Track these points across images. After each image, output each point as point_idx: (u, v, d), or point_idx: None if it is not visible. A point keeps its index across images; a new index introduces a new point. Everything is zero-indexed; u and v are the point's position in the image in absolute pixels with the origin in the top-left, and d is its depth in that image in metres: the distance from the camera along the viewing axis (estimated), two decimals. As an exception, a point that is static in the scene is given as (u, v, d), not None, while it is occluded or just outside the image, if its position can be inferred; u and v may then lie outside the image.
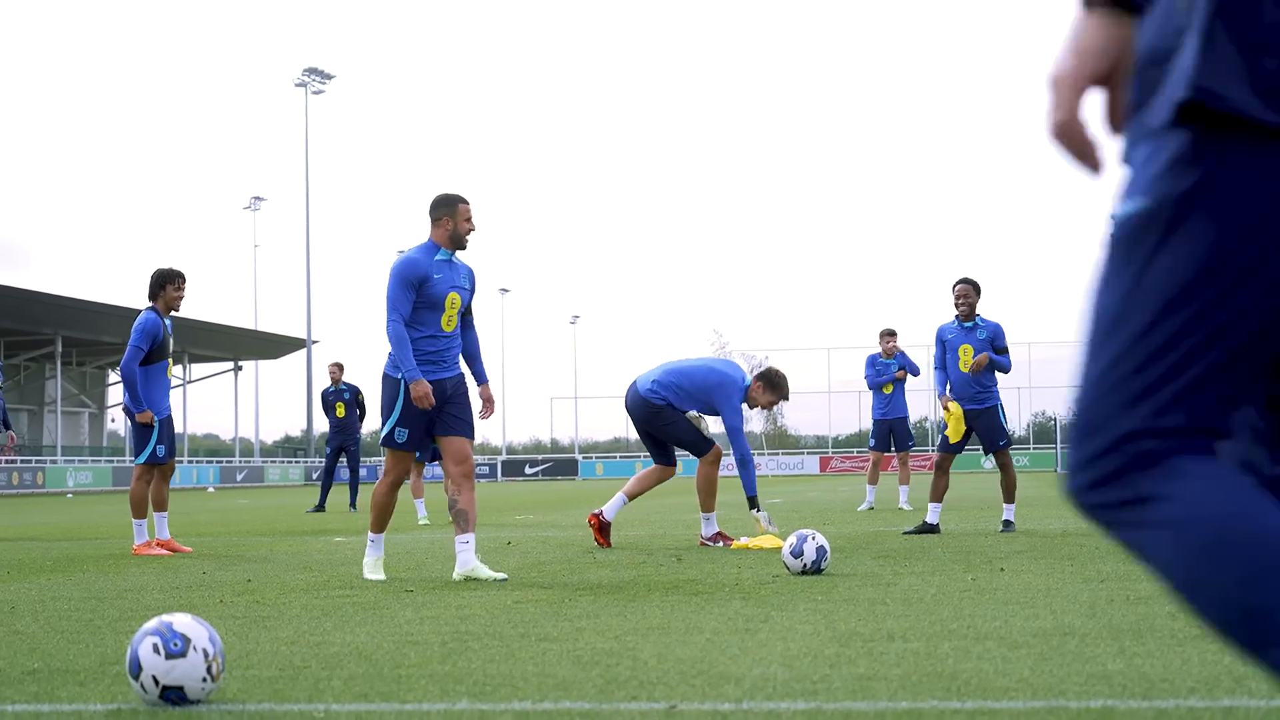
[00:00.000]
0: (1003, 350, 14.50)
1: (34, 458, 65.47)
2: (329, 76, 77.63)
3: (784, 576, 9.26)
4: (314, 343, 78.75)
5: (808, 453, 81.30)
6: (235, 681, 5.33)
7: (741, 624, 6.73)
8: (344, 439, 25.59)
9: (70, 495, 52.94)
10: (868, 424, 21.64)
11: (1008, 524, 14.09)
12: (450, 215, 9.67)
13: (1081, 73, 2.27)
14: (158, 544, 12.93)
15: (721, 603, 7.70)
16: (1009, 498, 14.34)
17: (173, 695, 4.74)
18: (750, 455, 13.28)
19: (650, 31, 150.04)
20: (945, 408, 14.22)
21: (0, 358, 65.57)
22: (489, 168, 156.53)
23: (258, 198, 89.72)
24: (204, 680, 4.76)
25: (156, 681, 4.74)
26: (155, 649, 4.76)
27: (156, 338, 12.84)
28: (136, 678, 4.78)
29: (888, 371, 20.98)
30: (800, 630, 6.45)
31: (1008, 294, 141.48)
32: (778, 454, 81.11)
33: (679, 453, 13.18)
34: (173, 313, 13.07)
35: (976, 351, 14.29)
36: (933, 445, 66.07)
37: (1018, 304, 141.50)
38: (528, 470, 78.55)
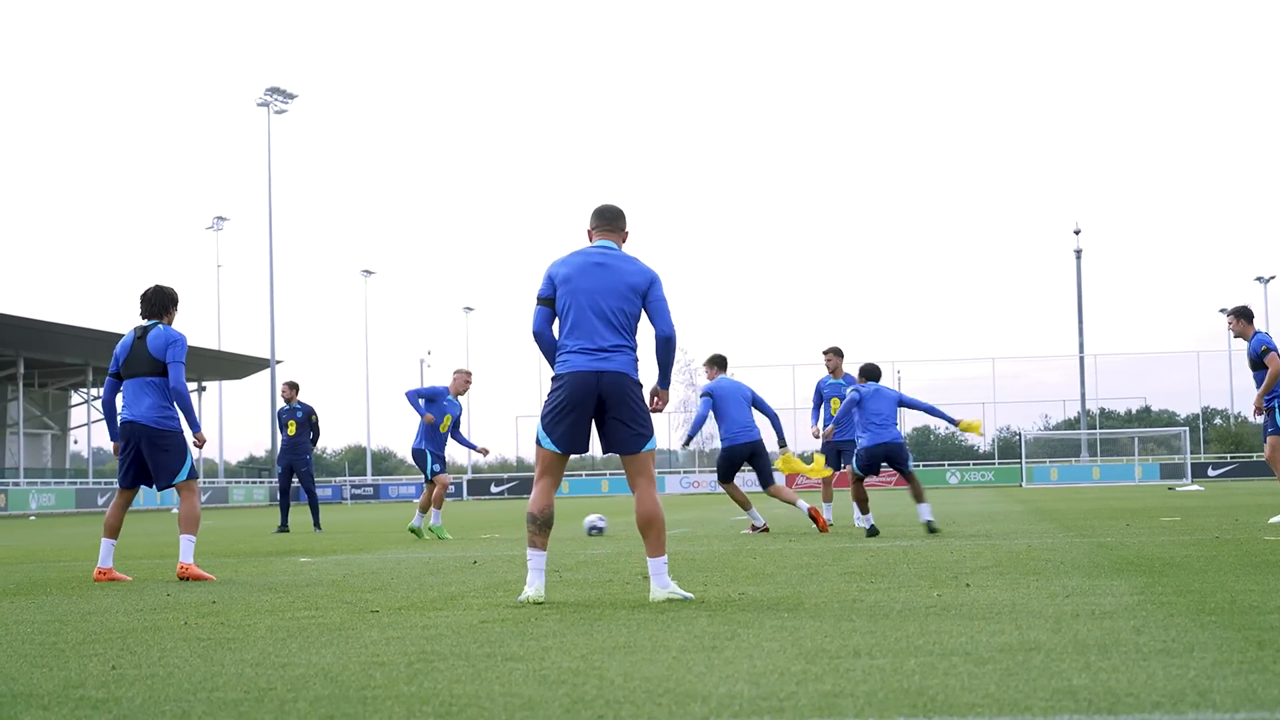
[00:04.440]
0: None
1: (-4, 480, 65.06)
2: (291, 96, 77.60)
3: (750, 594, 9.26)
4: (278, 363, 78.61)
5: (773, 470, 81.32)
6: (200, 704, 5.31)
7: (708, 642, 6.73)
8: (293, 458, 25.48)
9: (33, 518, 52.62)
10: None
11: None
12: None
13: None
14: (104, 574, 12.20)
15: (688, 621, 7.70)
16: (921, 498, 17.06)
17: None
18: None
19: (618, 52, 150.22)
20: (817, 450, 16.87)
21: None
22: (452, 186, 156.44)
23: (220, 218, 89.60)
24: None
25: None
26: None
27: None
28: None
29: (836, 391, 20.92)
30: (766, 647, 6.45)
31: (971, 310, 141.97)
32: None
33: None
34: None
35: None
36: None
37: (981, 320, 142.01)
38: (494, 489, 78.45)
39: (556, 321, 9.18)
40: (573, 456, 9.20)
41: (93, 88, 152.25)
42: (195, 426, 12.65)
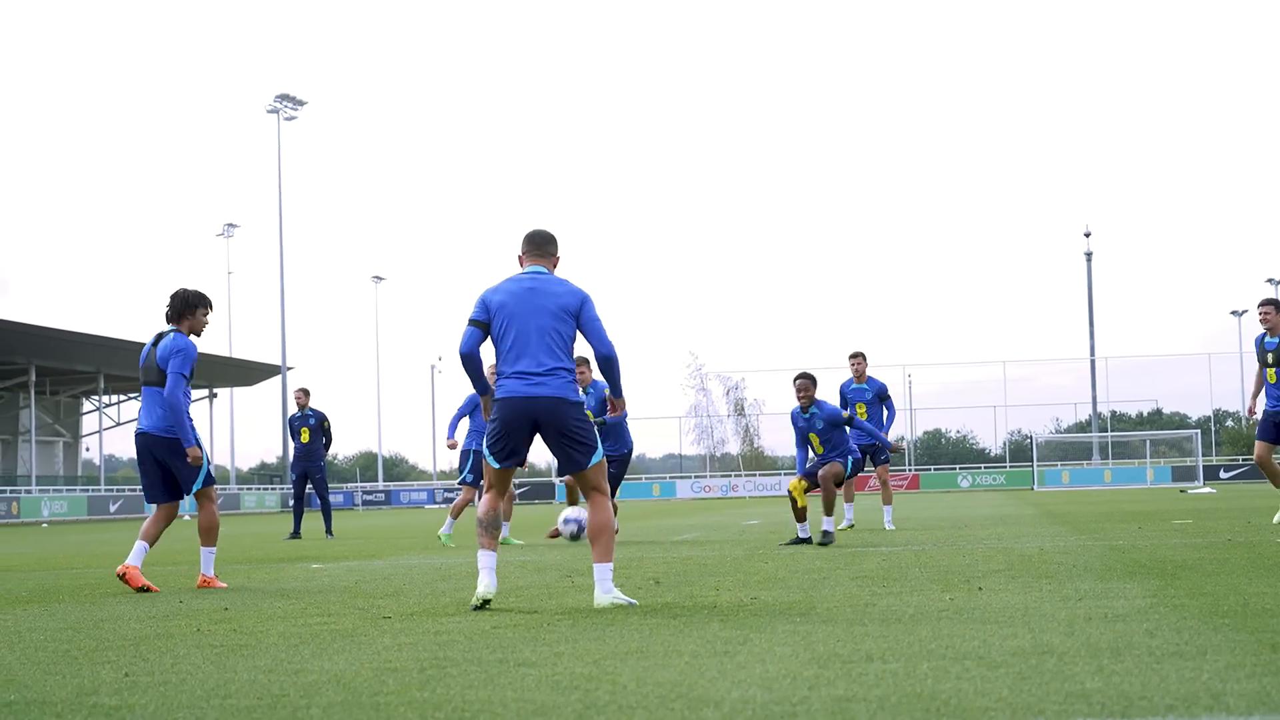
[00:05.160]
0: (847, 421, 16.79)
1: (8, 488, 65.21)
2: (301, 103, 77.68)
3: (762, 598, 9.26)
4: (289, 369, 78.71)
5: (784, 474, 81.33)
6: (213, 711, 5.31)
7: (720, 646, 6.73)
8: (307, 464, 25.48)
9: (45, 525, 52.69)
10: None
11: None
12: None
13: None
14: (126, 571, 11.95)
15: (700, 625, 7.70)
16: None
17: None
18: None
19: (623, 56, 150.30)
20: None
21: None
22: (462, 191, 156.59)
23: (231, 224, 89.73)
24: None
25: None
26: None
27: (195, 363, 12.13)
28: None
29: (860, 396, 20.95)
30: (779, 652, 6.45)
31: (982, 313, 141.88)
32: (754, 475, 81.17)
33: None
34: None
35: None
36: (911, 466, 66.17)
37: (992, 323, 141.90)
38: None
39: (488, 344, 9.49)
40: None
41: (104, 96, 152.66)
42: (188, 440, 12.13)
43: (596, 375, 18.98)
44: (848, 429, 16.92)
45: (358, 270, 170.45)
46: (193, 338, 12.26)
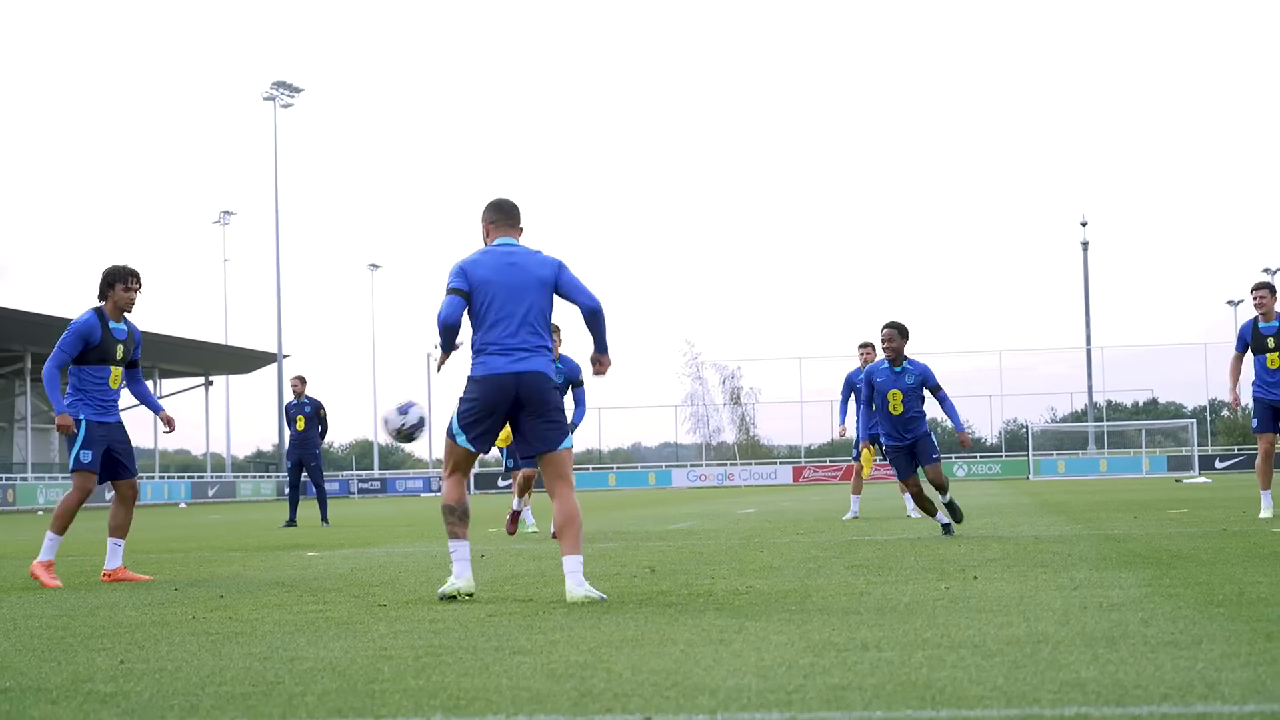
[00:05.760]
0: (936, 388, 15.17)
1: (4, 475, 65.14)
2: (298, 90, 77.54)
3: (757, 587, 9.26)
4: (285, 357, 78.58)
5: (780, 462, 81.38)
6: (208, 698, 5.32)
7: (715, 635, 6.73)
8: (303, 452, 25.57)
9: (41, 513, 52.71)
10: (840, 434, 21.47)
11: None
12: None
13: None
14: (105, 574, 11.79)
15: (695, 614, 7.70)
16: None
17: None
18: None
19: (622, 44, 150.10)
20: (862, 453, 15.11)
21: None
22: (459, 179, 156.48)
23: (227, 212, 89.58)
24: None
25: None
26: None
27: (90, 340, 11.67)
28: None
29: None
30: (774, 640, 6.45)
31: (977, 302, 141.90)
32: (750, 464, 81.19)
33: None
34: (126, 315, 11.88)
35: (905, 395, 15.02)
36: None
37: (988, 312, 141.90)
38: (501, 483, 78.38)
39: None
40: (576, 450, 9.30)
41: (98, 82, 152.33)
42: (57, 408, 12.01)
43: (563, 349, 18.44)
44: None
45: (354, 258, 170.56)
46: (127, 315, 11.94)
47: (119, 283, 11.83)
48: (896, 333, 14.92)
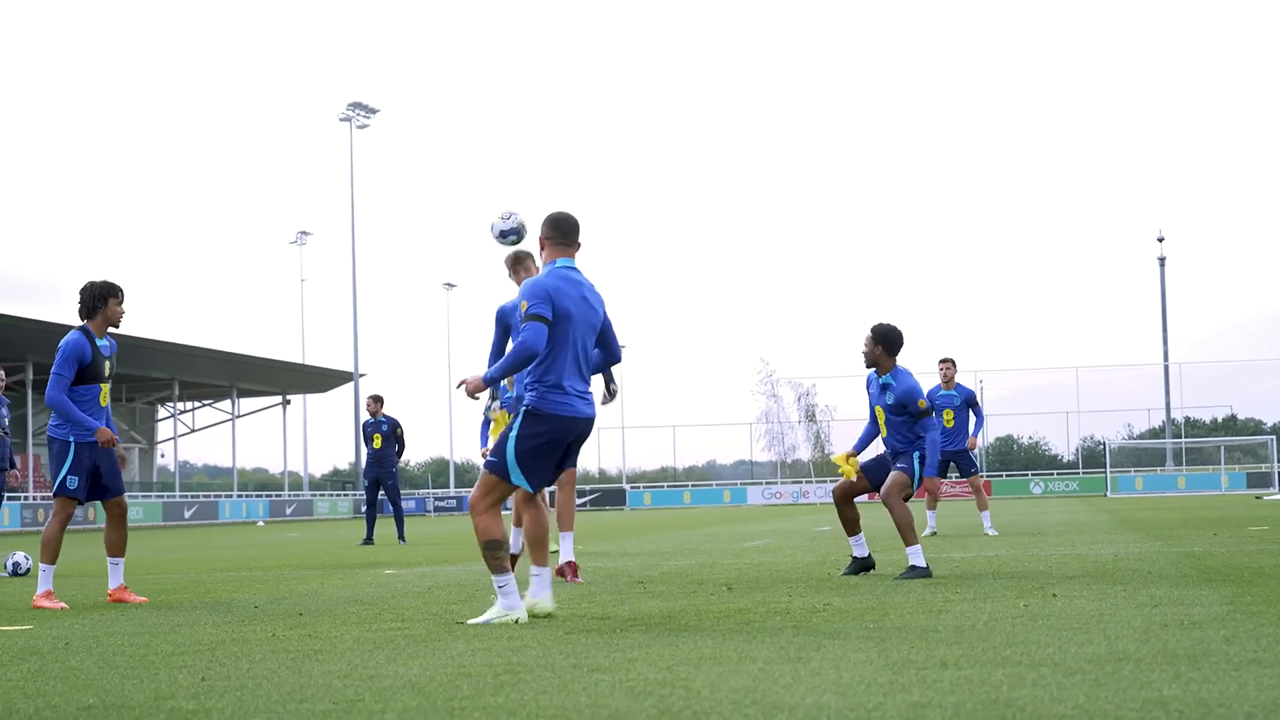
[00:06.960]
0: (919, 414, 12.33)
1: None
2: (373, 110, 78.07)
3: (835, 604, 9.23)
4: (361, 376, 79.07)
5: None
6: (289, 715, 5.35)
7: (794, 653, 6.72)
8: (380, 471, 25.80)
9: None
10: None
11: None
12: None
13: None
14: (110, 595, 11.76)
15: (773, 632, 7.69)
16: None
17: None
18: None
19: (700, 67, 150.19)
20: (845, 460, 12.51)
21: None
22: (533, 198, 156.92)
23: (304, 232, 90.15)
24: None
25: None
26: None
27: (83, 360, 11.44)
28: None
29: (949, 402, 20.96)
30: (853, 658, 6.43)
31: (1054, 318, 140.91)
32: (825, 481, 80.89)
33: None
34: (111, 330, 11.77)
35: (888, 416, 12.31)
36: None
37: (1064, 328, 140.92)
38: (576, 500, 78.49)
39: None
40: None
41: (177, 106, 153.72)
42: (90, 426, 11.53)
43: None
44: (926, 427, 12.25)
45: (429, 277, 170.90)
46: (111, 330, 11.80)
47: (111, 298, 11.74)
48: (873, 337, 12.46)
